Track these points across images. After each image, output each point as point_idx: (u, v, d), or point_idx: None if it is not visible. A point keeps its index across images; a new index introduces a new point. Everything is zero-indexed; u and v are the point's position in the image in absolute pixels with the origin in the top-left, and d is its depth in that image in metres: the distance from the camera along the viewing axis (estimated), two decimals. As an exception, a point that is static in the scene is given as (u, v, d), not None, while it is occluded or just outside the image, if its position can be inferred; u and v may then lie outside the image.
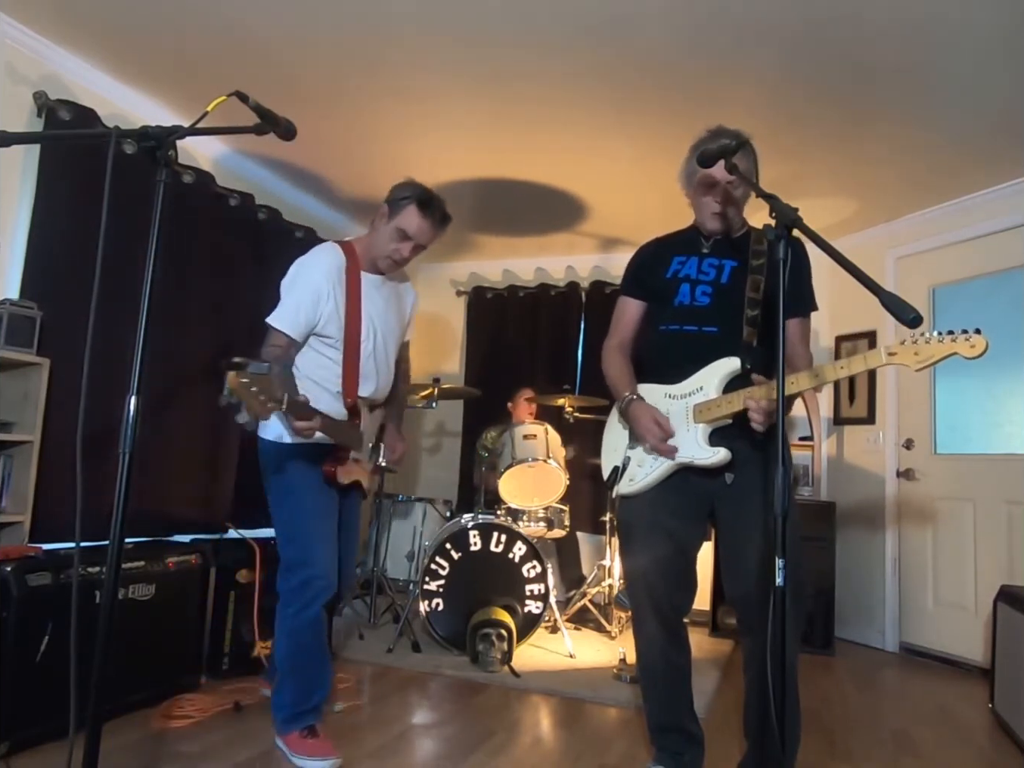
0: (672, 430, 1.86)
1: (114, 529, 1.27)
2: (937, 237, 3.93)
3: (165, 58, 2.87)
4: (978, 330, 1.52)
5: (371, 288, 2.22)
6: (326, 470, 2.11)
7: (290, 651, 2.10)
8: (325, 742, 2.07)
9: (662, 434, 1.85)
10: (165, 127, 1.37)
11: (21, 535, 2.47)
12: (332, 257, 2.15)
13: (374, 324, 2.21)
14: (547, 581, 3.34)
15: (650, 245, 2.12)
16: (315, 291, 2.08)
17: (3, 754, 1.95)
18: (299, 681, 2.10)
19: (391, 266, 2.22)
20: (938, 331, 1.54)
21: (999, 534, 3.50)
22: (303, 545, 2.09)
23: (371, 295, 2.21)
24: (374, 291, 2.23)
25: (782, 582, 1.32)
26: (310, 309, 2.07)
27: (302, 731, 2.07)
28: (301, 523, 2.10)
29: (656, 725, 2.00)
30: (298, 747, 2.05)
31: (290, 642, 2.09)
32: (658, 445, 1.86)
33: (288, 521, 2.13)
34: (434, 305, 5.55)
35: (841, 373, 1.66)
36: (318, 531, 2.11)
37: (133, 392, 1.30)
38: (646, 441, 1.89)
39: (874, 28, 2.43)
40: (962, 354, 1.53)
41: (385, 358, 2.27)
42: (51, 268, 2.70)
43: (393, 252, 2.17)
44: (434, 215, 2.18)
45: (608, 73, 2.81)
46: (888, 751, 2.46)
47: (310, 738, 2.06)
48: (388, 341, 2.27)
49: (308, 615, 2.07)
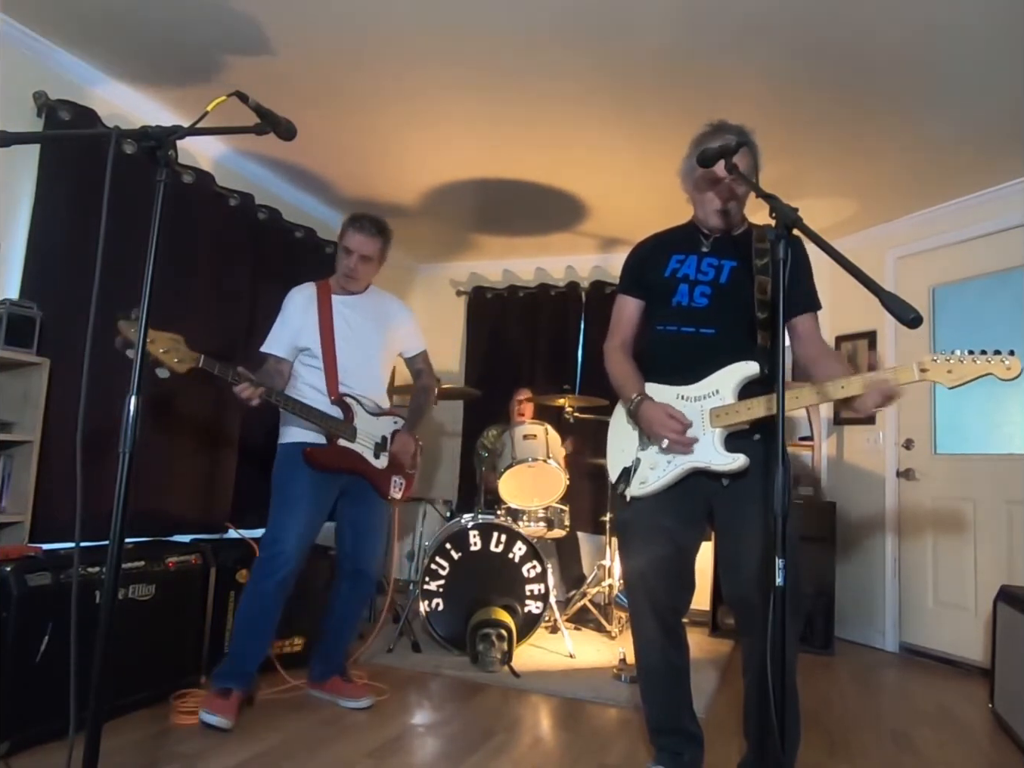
0: (688, 420, 1.83)
1: (114, 529, 1.27)
2: (937, 237, 3.93)
3: (165, 58, 2.86)
4: (1012, 351, 1.50)
5: (342, 306, 2.62)
6: (306, 452, 2.44)
7: (242, 614, 2.43)
8: (232, 706, 2.29)
9: (680, 427, 1.82)
10: (165, 127, 1.37)
11: (21, 535, 2.47)
12: (303, 290, 2.63)
13: (348, 333, 2.59)
14: (547, 581, 3.34)
15: (648, 242, 2.09)
16: (287, 316, 2.59)
17: (3, 754, 1.95)
18: (239, 645, 2.40)
19: (350, 281, 2.61)
20: (971, 350, 1.53)
21: (999, 534, 3.50)
22: (277, 525, 2.43)
23: (342, 311, 2.60)
24: (346, 308, 2.62)
25: (782, 582, 1.32)
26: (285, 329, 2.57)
27: (218, 690, 2.33)
28: (280, 508, 2.45)
29: (655, 725, 2.00)
30: (206, 701, 2.30)
31: (243, 606, 2.43)
32: (680, 439, 1.81)
33: (273, 506, 2.47)
34: (434, 305, 5.55)
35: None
36: (293, 516, 2.42)
37: (133, 392, 1.31)
38: (665, 438, 1.83)
39: (874, 28, 2.43)
40: (997, 375, 1.52)
41: (365, 359, 2.62)
42: (51, 268, 2.70)
43: (344, 268, 2.59)
44: (363, 226, 2.56)
45: (608, 72, 2.80)
46: (888, 751, 2.46)
47: (220, 697, 2.30)
48: (368, 348, 2.64)
49: (263, 587, 2.38)
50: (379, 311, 2.70)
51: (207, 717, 2.23)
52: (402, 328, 2.77)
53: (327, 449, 2.48)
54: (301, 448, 2.45)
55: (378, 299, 2.74)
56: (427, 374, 2.88)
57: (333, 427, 2.48)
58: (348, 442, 2.52)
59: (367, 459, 2.58)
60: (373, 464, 2.60)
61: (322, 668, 2.63)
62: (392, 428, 2.69)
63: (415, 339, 2.85)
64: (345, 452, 2.52)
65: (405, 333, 2.79)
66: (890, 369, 1.60)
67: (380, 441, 2.63)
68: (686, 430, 1.82)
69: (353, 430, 2.54)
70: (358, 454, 2.55)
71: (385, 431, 2.66)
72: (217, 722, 2.22)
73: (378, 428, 2.63)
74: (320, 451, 2.47)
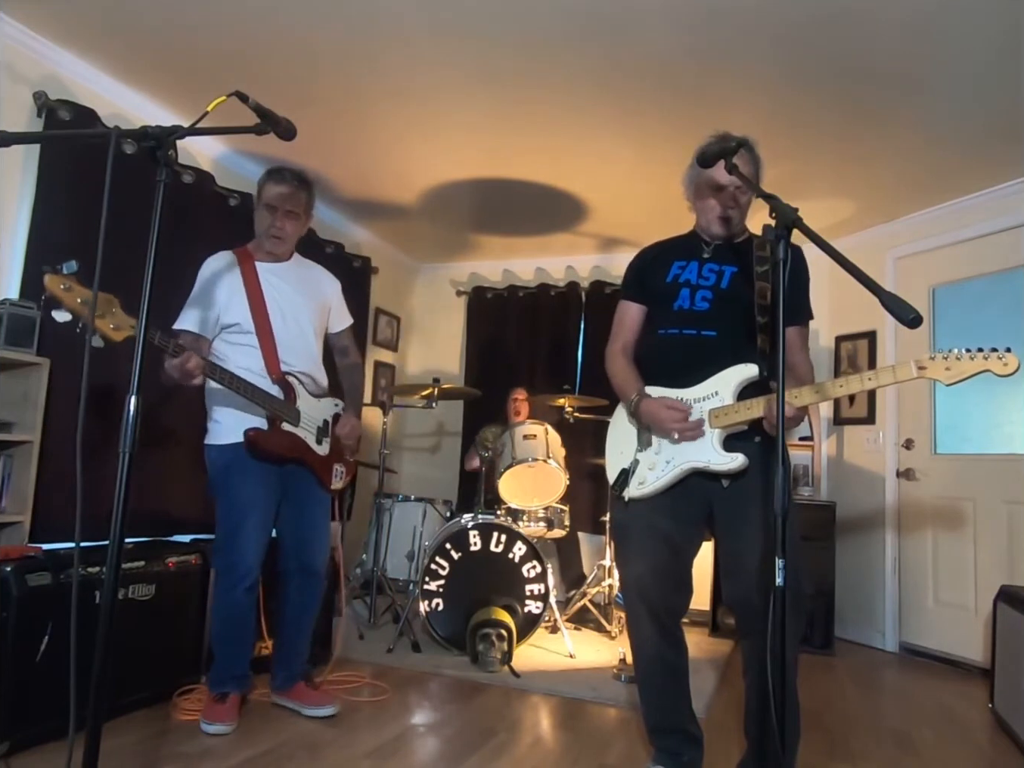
0: (689, 408, 1.85)
1: (114, 529, 1.27)
2: (936, 237, 3.93)
3: (165, 58, 2.87)
4: (1008, 348, 1.52)
5: (269, 274, 2.36)
6: (248, 436, 2.21)
7: (218, 625, 2.35)
8: (230, 709, 2.26)
9: (681, 415, 1.83)
10: (165, 127, 1.37)
11: (21, 535, 2.47)
12: (220, 259, 2.35)
13: (279, 304, 2.35)
14: (547, 581, 3.34)
15: (651, 249, 2.12)
16: (206, 288, 2.29)
17: (3, 754, 1.94)
18: (223, 652, 2.34)
19: (276, 243, 2.36)
20: (968, 348, 1.55)
21: (999, 534, 3.50)
22: (232, 537, 2.28)
23: (270, 280, 2.36)
24: (273, 276, 2.37)
25: (782, 582, 1.32)
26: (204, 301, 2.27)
27: (216, 695, 2.29)
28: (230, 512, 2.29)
29: (655, 726, 2.00)
30: (205, 710, 2.26)
31: (216, 616, 2.35)
32: (684, 428, 1.82)
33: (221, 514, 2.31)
34: (434, 305, 5.56)
35: (869, 385, 1.65)
36: (246, 527, 2.27)
37: (133, 392, 1.31)
38: (671, 430, 1.84)
39: (874, 29, 2.43)
40: (995, 372, 1.53)
41: (300, 333, 2.39)
42: (51, 268, 2.69)
43: (270, 228, 2.33)
44: (284, 176, 2.33)
45: (608, 73, 2.81)
46: (888, 751, 2.46)
47: (219, 703, 2.26)
48: (300, 319, 2.40)
49: (232, 597, 2.28)
50: (308, 280, 2.48)
51: (208, 728, 2.20)
52: (332, 299, 2.56)
53: (270, 434, 2.24)
54: (239, 446, 2.23)
55: (305, 268, 2.51)
56: (354, 351, 2.67)
57: (277, 408, 2.24)
58: (292, 427, 2.29)
59: (310, 446, 2.37)
60: (316, 451, 2.39)
61: (284, 675, 2.47)
62: (333, 411, 2.48)
63: (343, 313, 2.61)
64: (289, 437, 2.29)
65: (335, 307, 2.57)
66: (889, 367, 1.61)
67: (322, 425, 2.42)
68: (688, 417, 1.84)
69: (296, 413, 2.31)
70: (302, 440, 2.33)
71: (326, 414, 2.45)
72: (217, 730, 2.20)
73: (319, 411, 2.42)
74: (264, 436, 2.22)
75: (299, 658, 2.50)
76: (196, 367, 1.93)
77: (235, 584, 2.27)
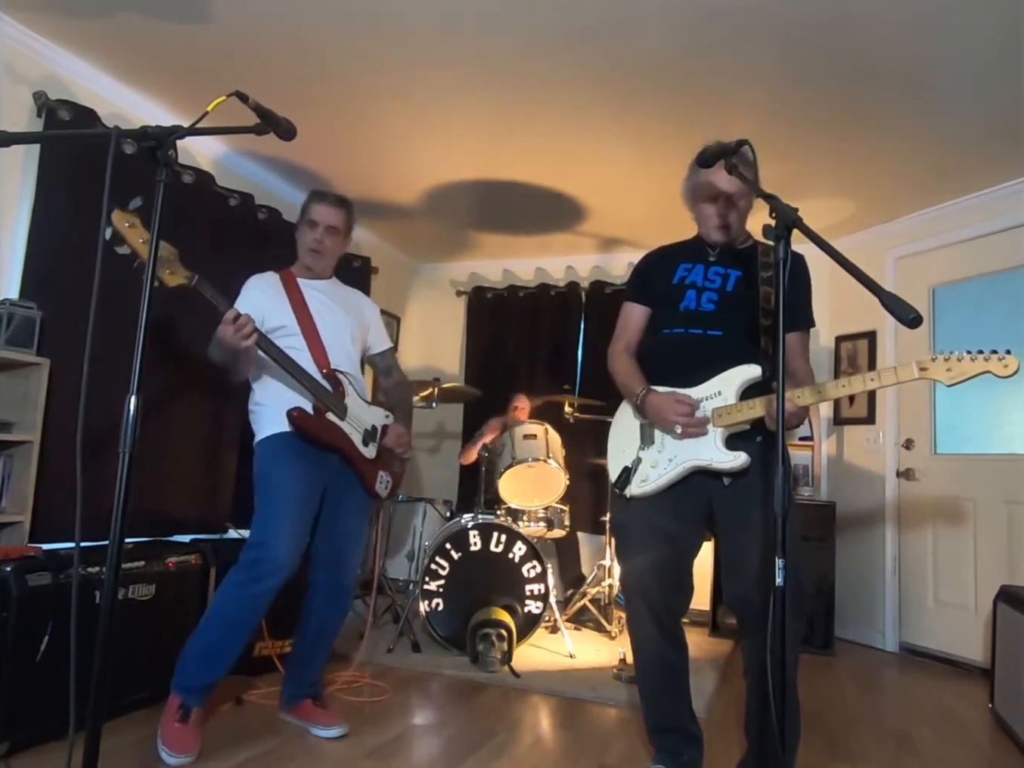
0: (696, 401, 1.86)
1: (114, 529, 1.27)
2: (936, 237, 3.93)
3: (165, 58, 2.87)
4: (1008, 350, 1.53)
5: (311, 290, 2.39)
6: (291, 414, 2.16)
7: (217, 613, 2.13)
8: (194, 733, 2.06)
9: (689, 409, 1.85)
10: (165, 127, 1.37)
11: (21, 535, 2.47)
12: (265, 276, 2.40)
13: (321, 312, 2.37)
14: (547, 581, 3.34)
15: (656, 252, 2.14)
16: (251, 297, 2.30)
17: (3, 754, 1.94)
18: (208, 652, 2.11)
19: (316, 258, 2.39)
20: (969, 349, 1.56)
21: (999, 534, 3.50)
22: (265, 527, 2.14)
23: (312, 294, 2.38)
24: (315, 292, 2.40)
25: (782, 582, 1.32)
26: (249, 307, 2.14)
27: (178, 710, 2.06)
28: (269, 505, 2.17)
29: (655, 725, 2.00)
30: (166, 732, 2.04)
31: (220, 604, 2.14)
32: (691, 421, 1.84)
33: (259, 507, 2.19)
34: (434, 305, 5.56)
35: (871, 385, 1.66)
36: (284, 515, 2.14)
37: (133, 392, 1.31)
38: (676, 424, 1.85)
39: (873, 29, 2.43)
40: (995, 373, 1.54)
41: (343, 342, 2.39)
42: (51, 268, 2.70)
43: (310, 242, 2.37)
44: (328, 198, 2.40)
45: (608, 74, 2.80)
46: (888, 751, 2.46)
47: (181, 724, 2.05)
48: (341, 330, 2.40)
49: (250, 592, 2.10)
50: (348, 302, 2.50)
51: (169, 759, 1.98)
52: (372, 322, 2.57)
53: (315, 418, 2.20)
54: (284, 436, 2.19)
55: (344, 291, 2.55)
56: (398, 370, 2.66)
57: (323, 396, 2.22)
58: (337, 419, 2.26)
59: (355, 443, 2.31)
60: (362, 452, 2.33)
61: (293, 691, 2.36)
62: (383, 420, 2.45)
63: (383, 334, 2.63)
64: (333, 426, 2.25)
65: (375, 328, 2.59)
66: (891, 368, 1.61)
67: (370, 429, 2.37)
68: (694, 412, 1.85)
69: (344, 407, 2.28)
70: (346, 435, 2.28)
71: (375, 420, 2.41)
72: (180, 763, 1.98)
73: (368, 415, 2.38)
74: (307, 415, 2.18)
75: (311, 676, 2.37)
76: (248, 332, 1.97)
77: (256, 579, 2.08)
